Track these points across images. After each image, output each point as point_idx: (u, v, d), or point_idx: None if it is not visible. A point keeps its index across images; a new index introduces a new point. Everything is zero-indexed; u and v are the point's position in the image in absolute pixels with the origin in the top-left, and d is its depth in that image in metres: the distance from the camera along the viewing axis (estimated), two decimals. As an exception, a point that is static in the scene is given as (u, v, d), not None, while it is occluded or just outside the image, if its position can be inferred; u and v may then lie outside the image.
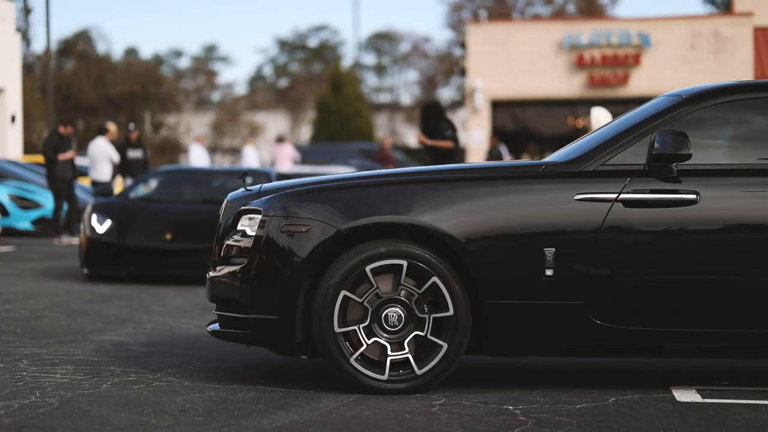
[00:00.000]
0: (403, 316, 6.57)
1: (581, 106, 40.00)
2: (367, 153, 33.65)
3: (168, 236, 13.47)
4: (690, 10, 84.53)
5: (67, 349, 8.16)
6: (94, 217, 13.72)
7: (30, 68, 54.14)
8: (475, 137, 39.71)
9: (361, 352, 6.57)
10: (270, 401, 6.39)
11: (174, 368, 7.42)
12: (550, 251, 6.51)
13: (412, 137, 61.40)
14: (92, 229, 13.57)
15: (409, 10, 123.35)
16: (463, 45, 43.42)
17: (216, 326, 7.09)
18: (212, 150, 53.01)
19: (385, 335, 6.58)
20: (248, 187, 7.23)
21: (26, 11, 54.15)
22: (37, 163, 26.39)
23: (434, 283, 6.51)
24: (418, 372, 6.54)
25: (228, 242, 6.90)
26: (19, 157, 31.86)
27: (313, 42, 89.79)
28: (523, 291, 6.53)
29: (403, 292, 6.57)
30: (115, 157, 20.70)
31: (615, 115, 16.52)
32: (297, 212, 6.64)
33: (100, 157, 20.58)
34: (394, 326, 6.57)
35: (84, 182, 23.25)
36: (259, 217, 6.74)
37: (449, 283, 6.51)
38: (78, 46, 62.47)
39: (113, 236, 13.51)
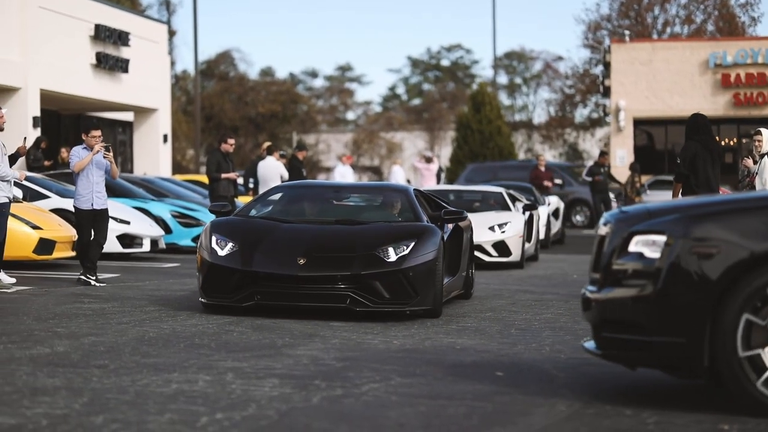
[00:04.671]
0: None
1: (726, 125, 39.48)
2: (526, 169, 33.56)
3: (301, 261, 11.59)
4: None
5: (267, 363, 8.39)
6: (213, 238, 11.82)
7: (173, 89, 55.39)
8: (618, 156, 39.47)
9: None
10: (483, 416, 6.51)
11: (376, 383, 7.58)
12: None
13: (548, 156, 61.10)
14: (212, 252, 11.72)
15: (544, 30, 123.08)
16: (604, 64, 43.18)
17: (591, 345, 7.06)
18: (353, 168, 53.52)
19: None
20: (623, 207, 7.14)
21: (170, 33, 55.42)
22: (191, 181, 27.11)
23: None
24: None
25: (619, 264, 6.76)
26: (175, 175, 32.69)
27: (445, 61, 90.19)
28: None
29: None
30: (285, 174, 21.21)
31: None
32: (706, 234, 6.49)
33: (271, 175, 21.09)
34: None
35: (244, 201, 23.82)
36: (661, 238, 6.59)
37: None
38: (221, 67, 63.69)
39: (237, 261, 11.65)
